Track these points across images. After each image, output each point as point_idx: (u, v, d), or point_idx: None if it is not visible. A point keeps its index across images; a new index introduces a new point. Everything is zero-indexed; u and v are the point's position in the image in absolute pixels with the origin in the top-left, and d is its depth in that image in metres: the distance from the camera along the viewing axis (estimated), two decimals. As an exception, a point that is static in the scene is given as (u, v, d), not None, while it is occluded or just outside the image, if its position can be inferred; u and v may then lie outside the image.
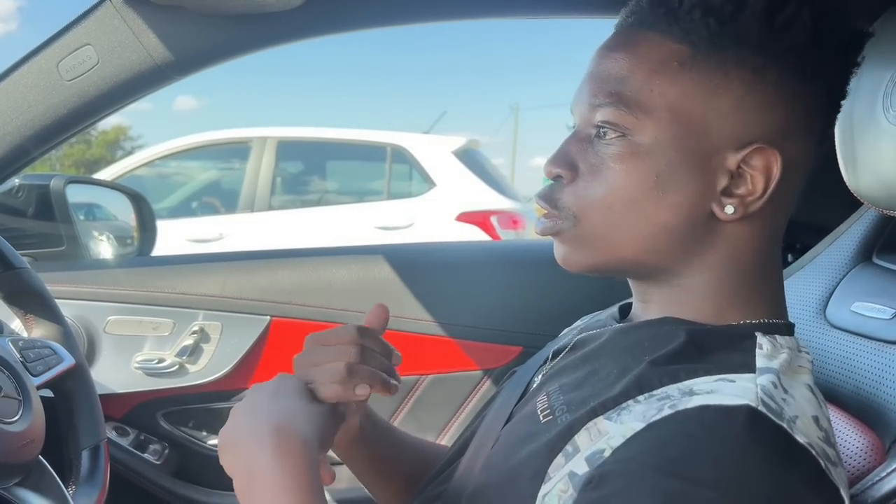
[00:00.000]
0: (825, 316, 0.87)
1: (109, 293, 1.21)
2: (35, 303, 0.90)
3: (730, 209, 0.55)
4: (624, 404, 0.51)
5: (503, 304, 1.30)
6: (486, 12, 1.05)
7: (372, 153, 4.24)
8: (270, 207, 4.03)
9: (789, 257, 1.17)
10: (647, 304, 0.61)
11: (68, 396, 0.89)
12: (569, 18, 1.11)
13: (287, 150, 4.23)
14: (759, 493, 0.45)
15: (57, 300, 1.10)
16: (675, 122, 0.54)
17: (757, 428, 0.47)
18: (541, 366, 0.67)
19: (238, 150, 4.29)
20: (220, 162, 4.67)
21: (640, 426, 0.49)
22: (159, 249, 1.51)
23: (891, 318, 0.78)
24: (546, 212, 0.60)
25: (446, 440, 1.28)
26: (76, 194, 1.38)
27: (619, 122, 0.55)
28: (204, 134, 4.34)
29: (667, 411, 0.49)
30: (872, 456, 0.67)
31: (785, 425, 0.48)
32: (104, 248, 1.48)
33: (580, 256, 0.59)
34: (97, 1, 0.95)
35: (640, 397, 0.51)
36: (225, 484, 1.25)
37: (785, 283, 0.95)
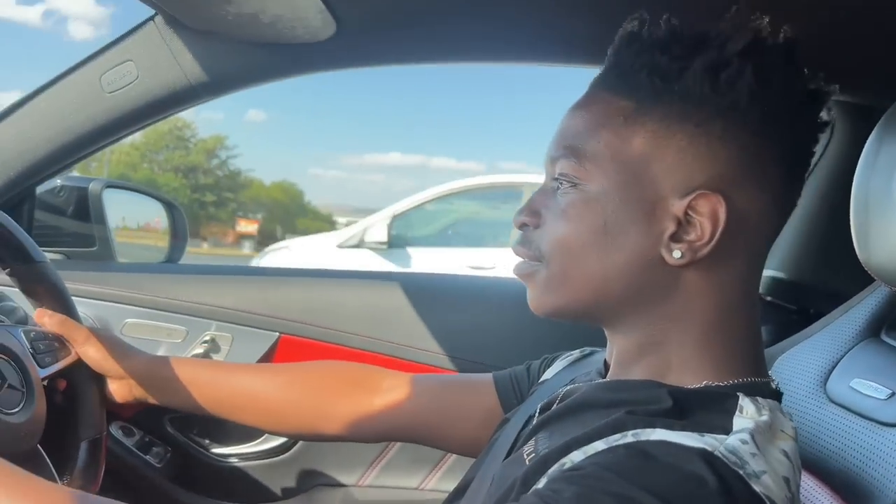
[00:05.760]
0: (825, 389, 0.85)
1: (130, 296, 1.25)
2: (50, 296, 0.92)
3: (677, 254, 0.56)
4: (597, 441, 0.53)
5: (513, 341, 1.30)
6: (509, 58, 1.08)
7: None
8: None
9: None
10: (623, 358, 0.62)
11: (73, 388, 0.92)
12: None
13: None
14: None
15: (81, 298, 1.16)
16: (620, 172, 0.57)
17: (711, 465, 0.48)
18: (530, 416, 0.68)
19: (511, 194, 4.96)
20: (492, 202, 5.31)
21: (602, 447, 0.52)
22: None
23: (887, 399, 0.76)
24: (522, 256, 0.64)
25: (442, 472, 1.28)
26: (113, 198, 1.44)
27: (570, 173, 0.59)
28: (481, 177, 5.09)
29: (629, 438, 0.51)
30: (849, 536, 0.66)
31: (742, 473, 0.49)
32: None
33: (548, 298, 0.62)
34: (141, 21, 1.01)
35: (613, 437, 0.53)
36: (221, 493, 1.28)
37: (792, 350, 0.95)
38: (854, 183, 0.82)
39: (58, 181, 1.35)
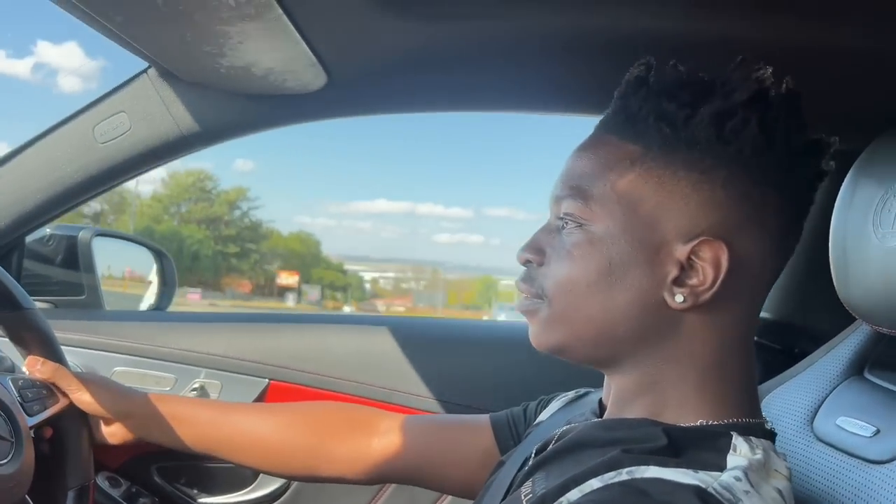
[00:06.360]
0: (812, 428, 0.86)
1: (119, 345, 1.24)
2: (37, 343, 0.92)
3: (679, 297, 0.57)
4: (592, 479, 0.54)
5: (505, 385, 1.30)
6: (497, 107, 1.11)
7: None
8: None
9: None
10: (620, 397, 0.63)
11: (61, 436, 0.91)
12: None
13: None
14: None
15: (69, 347, 1.15)
16: (626, 215, 0.58)
17: (705, 502, 0.49)
18: (526, 458, 0.69)
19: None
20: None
21: (597, 485, 0.52)
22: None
23: (871, 436, 0.77)
24: (524, 293, 0.65)
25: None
26: (103, 247, 1.44)
27: (576, 213, 0.60)
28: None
29: (624, 476, 0.52)
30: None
31: None
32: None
33: (549, 336, 0.63)
34: (134, 74, 1.03)
35: (608, 475, 0.54)
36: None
37: (778, 389, 0.96)
38: (832, 224, 0.84)
39: (47, 230, 1.35)
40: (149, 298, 1.54)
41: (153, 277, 1.52)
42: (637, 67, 0.61)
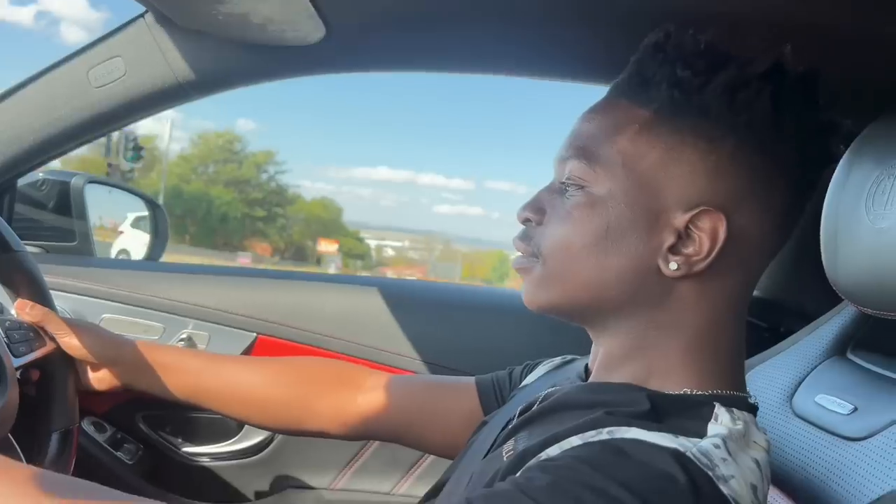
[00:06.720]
0: (791, 404, 0.87)
1: (108, 292, 1.24)
2: (26, 285, 0.91)
3: (673, 265, 0.58)
4: (573, 436, 0.54)
5: (492, 349, 1.31)
6: (503, 69, 1.09)
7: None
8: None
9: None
10: (607, 362, 0.64)
11: (47, 378, 0.91)
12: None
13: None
14: None
15: (59, 292, 1.15)
16: (629, 179, 0.58)
17: (683, 465, 0.49)
18: (510, 419, 0.69)
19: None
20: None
21: (578, 442, 0.53)
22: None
23: (849, 414, 0.78)
24: (521, 251, 0.65)
25: (414, 478, 1.28)
26: (96, 195, 1.44)
27: (580, 175, 0.60)
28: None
29: (604, 435, 0.52)
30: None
31: (712, 475, 0.50)
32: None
33: (541, 294, 0.63)
34: (131, 18, 1.01)
35: (588, 433, 0.54)
36: (192, 493, 1.27)
37: (761, 365, 0.97)
38: (825, 204, 0.84)
39: (40, 174, 1.35)
40: (117, 246, 1.53)
41: (125, 227, 1.51)
42: (655, 34, 0.60)
